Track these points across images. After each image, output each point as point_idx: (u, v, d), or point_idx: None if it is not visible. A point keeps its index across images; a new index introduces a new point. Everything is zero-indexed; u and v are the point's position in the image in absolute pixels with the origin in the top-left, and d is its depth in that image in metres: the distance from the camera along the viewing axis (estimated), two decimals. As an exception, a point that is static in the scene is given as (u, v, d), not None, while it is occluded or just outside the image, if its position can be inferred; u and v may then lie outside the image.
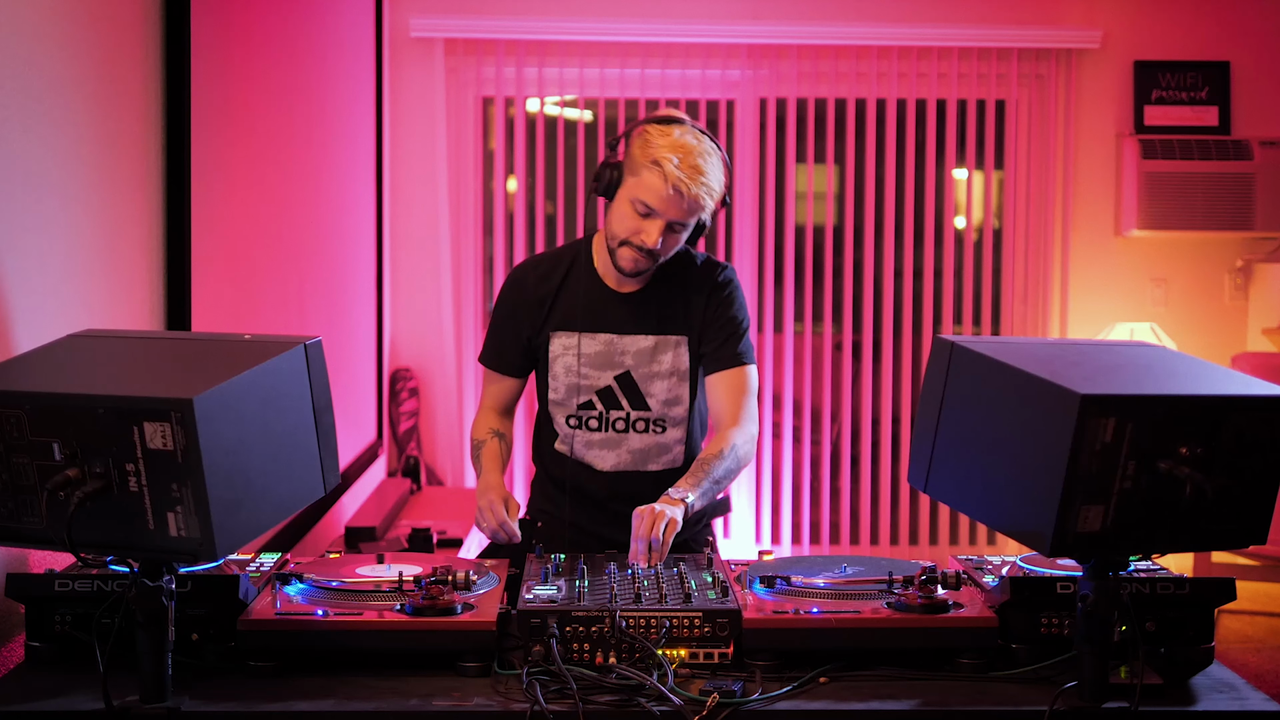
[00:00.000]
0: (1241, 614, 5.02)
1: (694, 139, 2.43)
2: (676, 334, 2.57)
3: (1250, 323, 5.44)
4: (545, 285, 2.60)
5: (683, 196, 2.39)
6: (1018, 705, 1.81)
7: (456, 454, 5.25)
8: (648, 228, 2.43)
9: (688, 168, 2.39)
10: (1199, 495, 1.67)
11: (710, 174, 2.41)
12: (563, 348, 2.57)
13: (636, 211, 2.44)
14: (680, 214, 2.42)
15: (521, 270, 2.64)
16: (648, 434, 2.59)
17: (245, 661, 1.90)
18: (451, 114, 5.18)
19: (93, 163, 2.29)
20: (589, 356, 2.56)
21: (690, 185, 2.38)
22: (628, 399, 2.58)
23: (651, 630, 1.91)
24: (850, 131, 5.35)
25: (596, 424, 2.59)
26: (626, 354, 2.56)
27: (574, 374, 2.57)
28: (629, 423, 2.58)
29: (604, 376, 2.57)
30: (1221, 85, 5.31)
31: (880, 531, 5.48)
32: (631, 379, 2.57)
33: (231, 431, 1.67)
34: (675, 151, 2.40)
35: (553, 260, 2.63)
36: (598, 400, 2.58)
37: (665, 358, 2.57)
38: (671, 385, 2.57)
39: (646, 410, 2.58)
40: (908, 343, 5.40)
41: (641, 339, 2.56)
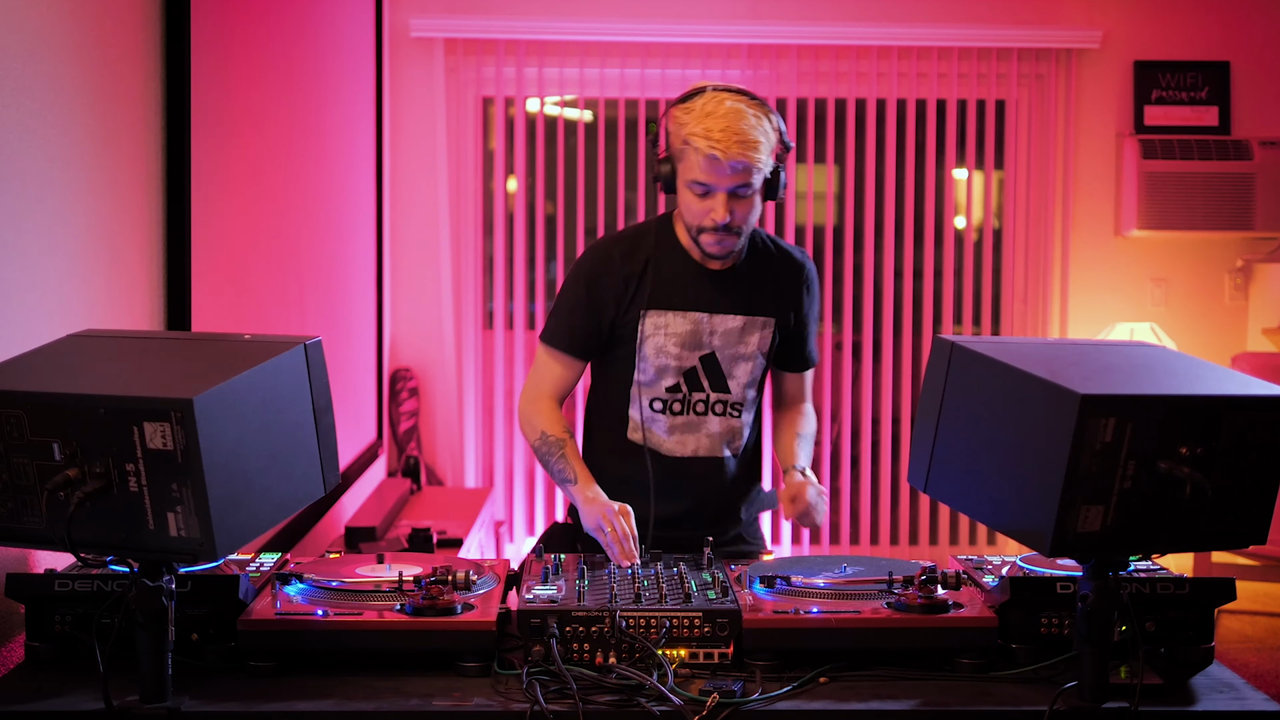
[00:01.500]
0: (1241, 614, 5.02)
1: (719, 101, 2.36)
2: (765, 315, 2.54)
3: (1250, 323, 5.44)
4: (631, 262, 2.52)
5: (724, 163, 2.33)
6: (1018, 705, 1.81)
7: (456, 454, 5.25)
8: (712, 205, 2.38)
9: (719, 133, 2.32)
10: (1199, 495, 1.67)
11: (748, 129, 2.33)
12: (654, 326, 2.49)
13: (695, 194, 2.40)
14: (734, 179, 2.35)
15: (604, 246, 2.56)
16: (725, 417, 2.55)
17: (245, 661, 1.90)
18: (451, 114, 5.18)
19: (93, 163, 2.29)
20: (679, 336, 2.50)
21: (727, 149, 2.31)
22: (709, 381, 2.53)
23: (651, 630, 1.91)
24: (850, 131, 5.34)
25: (680, 407, 2.53)
26: (715, 334, 2.51)
27: (665, 354, 2.50)
28: (708, 405, 2.54)
29: (691, 357, 2.52)
30: (1221, 85, 5.31)
31: (880, 531, 5.48)
32: (716, 360, 2.52)
33: (231, 431, 1.67)
34: (703, 122, 2.34)
35: (635, 237, 2.55)
36: (682, 382, 2.53)
37: (752, 339, 2.53)
38: (754, 368, 2.55)
39: (726, 393, 2.54)
40: (908, 343, 5.40)
41: (730, 319, 2.51)
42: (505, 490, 5.27)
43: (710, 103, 2.36)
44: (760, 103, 2.40)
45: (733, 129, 2.32)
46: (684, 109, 2.39)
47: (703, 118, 2.35)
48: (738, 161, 2.33)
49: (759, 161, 2.36)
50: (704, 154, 2.33)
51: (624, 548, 2.22)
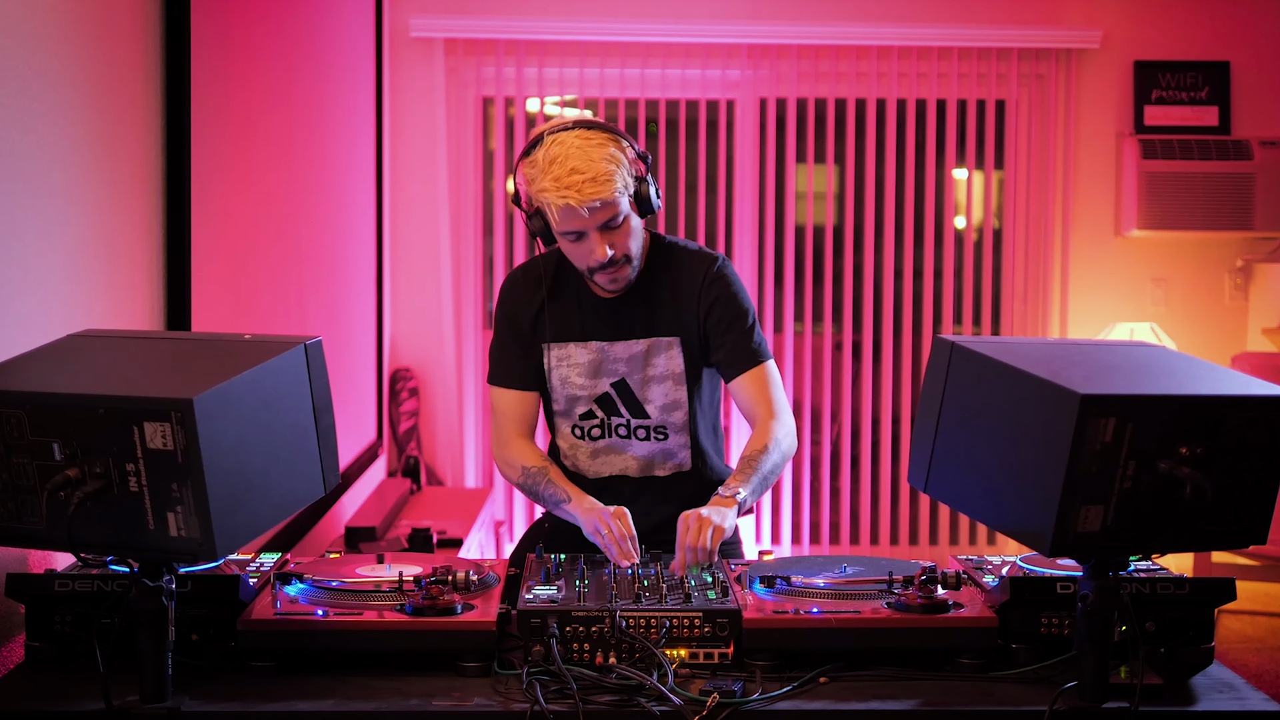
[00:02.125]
0: (1241, 614, 5.02)
1: (558, 145, 2.29)
2: (668, 335, 2.49)
3: (1250, 323, 5.44)
4: (534, 293, 2.51)
5: (579, 209, 2.28)
6: (1018, 705, 1.81)
7: (456, 454, 5.25)
8: (589, 246, 2.34)
9: (567, 178, 2.26)
10: (1199, 495, 1.67)
11: (593, 164, 2.27)
12: (556, 359, 2.50)
13: (570, 241, 2.36)
14: (597, 218, 2.31)
15: (511, 279, 2.57)
16: (649, 441, 2.52)
17: (245, 661, 1.90)
18: (451, 114, 5.18)
19: (93, 163, 2.29)
20: (581, 366, 2.49)
21: (580, 192, 2.27)
22: (626, 407, 2.51)
23: (651, 630, 1.91)
24: (850, 131, 5.34)
25: (599, 432, 2.52)
26: (619, 360, 2.49)
27: (570, 385, 2.50)
28: (630, 429, 2.51)
29: (600, 384, 2.50)
30: (1221, 85, 5.31)
31: (880, 531, 5.48)
32: (627, 386, 2.50)
33: (231, 431, 1.67)
34: (549, 172, 2.28)
35: (534, 270, 2.54)
36: (597, 408, 2.51)
37: (658, 361, 2.49)
38: (668, 389, 2.49)
39: (645, 418, 2.50)
40: (908, 343, 5.40)
41: (633, 344, 2.48)
42: (505, 490, 5.27)
43: (551, 148, 2.29)
44: (599, 127, 2.33)
45: (579, 170, 2.27)
46: (529, 164, 2.33)
47: (547, 167, 2.28)
48: (594, 201, 2.28)
49: (615, 192, 2.30)
50: (558, 206, 2.29)
51: (622, 548, 2.21)
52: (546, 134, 2.32)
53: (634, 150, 2.37)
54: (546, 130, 2.33)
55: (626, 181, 2.33)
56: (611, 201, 2.31)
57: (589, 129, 2.32)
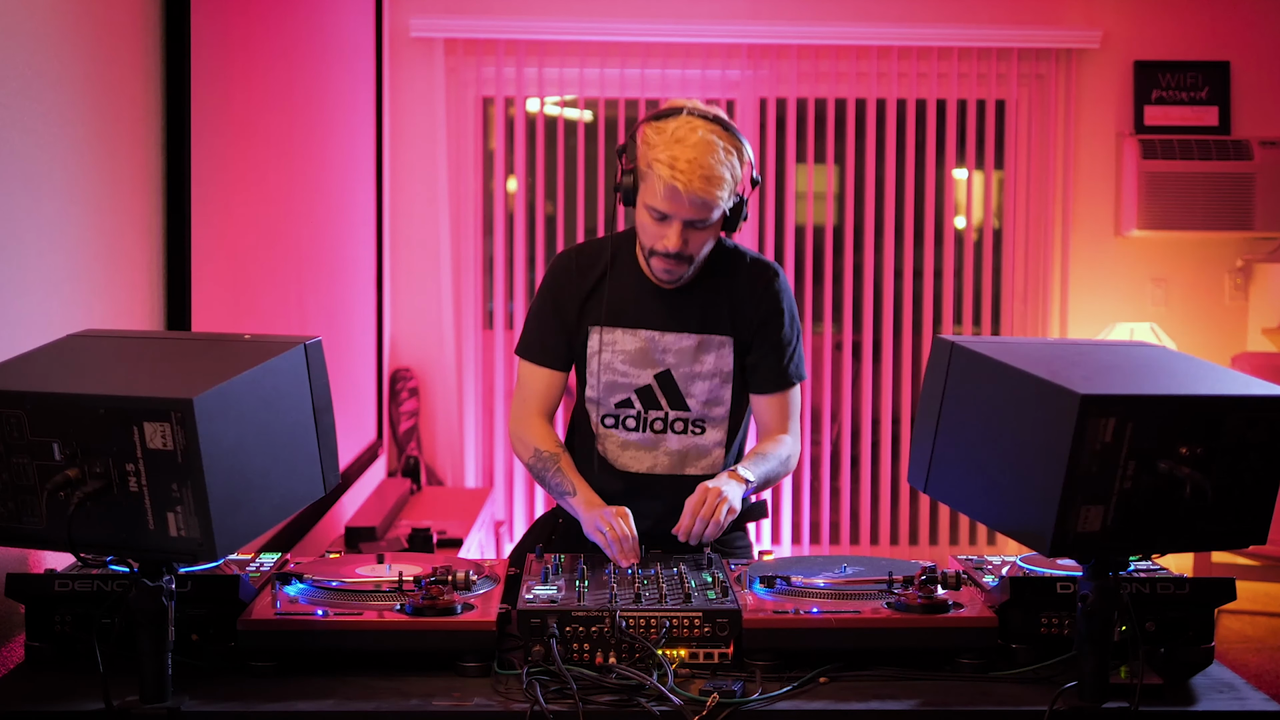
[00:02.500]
0: (1241, 614, 5.02)
1: (691, 129, 2.29)
2: (720, 334, 2.47)
3: (1250, 323, 5.44)
4: (587, 276, 2.49)
5: (683, 196, 2.28)
6: (1018, 705, 1.81)
7: (456, 454, 5.25)
8: (665, 232, 2.34)
9: (685, 164, 2.26)
10: (1199, 495, 1.67)
11: (714, 164, 2.27)
12: (600, 343, 2.47)
13: (652, 218, 2.35)
14: (692, 212, 2.30)
15: (565, 258, 2.54)
16: (686, 435, 2.50)
17: (245, 661, 1.90)
18: (451, 114, 5.18)
19: (93, 163, 2.29)
20: (628, 354, 2.47)
21: (689, 183, 2.26)
22: (667, 399, 2.48)
23: (651, 630, 1.91)
24: (850, 131, 5.34)
25: (634, 424, 2.50)
26: (668, 352, 2.47)
27: (612, 371, 2.48)
28: (667, 423, 2.49)
29: (643, 375, 2.48)
30: (1221, 85, 5.31)
31: (880, 531, 5.48)
32: (671, 378, 2.48)
33: (231, 431, 1.67)
34: (670, 149, 2.28)
35: (596, 250, 2.52)
36: (636, 399, 2.49)
37: (708, 358, 2.47)
38: (713, 387, 2.48)
39: (685, 411, 2.48)
40: (908, 343, 5.40)
41: (684, 337, 2.47)
42: (505, 490, 5.27)
43: (683, 128, 2.30)
44: (734, 134, 2.34)
45: (698, 162, 2.27)
46: (656, 128, 2.33)
47: (671, 144, 2.29)
48: (697, 196, 2.28)
49: (719, 199, 2.31)
50: (665, 182, 2.28)
51: (623, 548, 2.21)
52: (686, 111, 2.33)
53: (751, 168, 2.39)
54: (688, 108, 2.34)
55: (731, 195, 2.34)
56: (711, 205, 2.31)
57: (725, 130, 2.33)
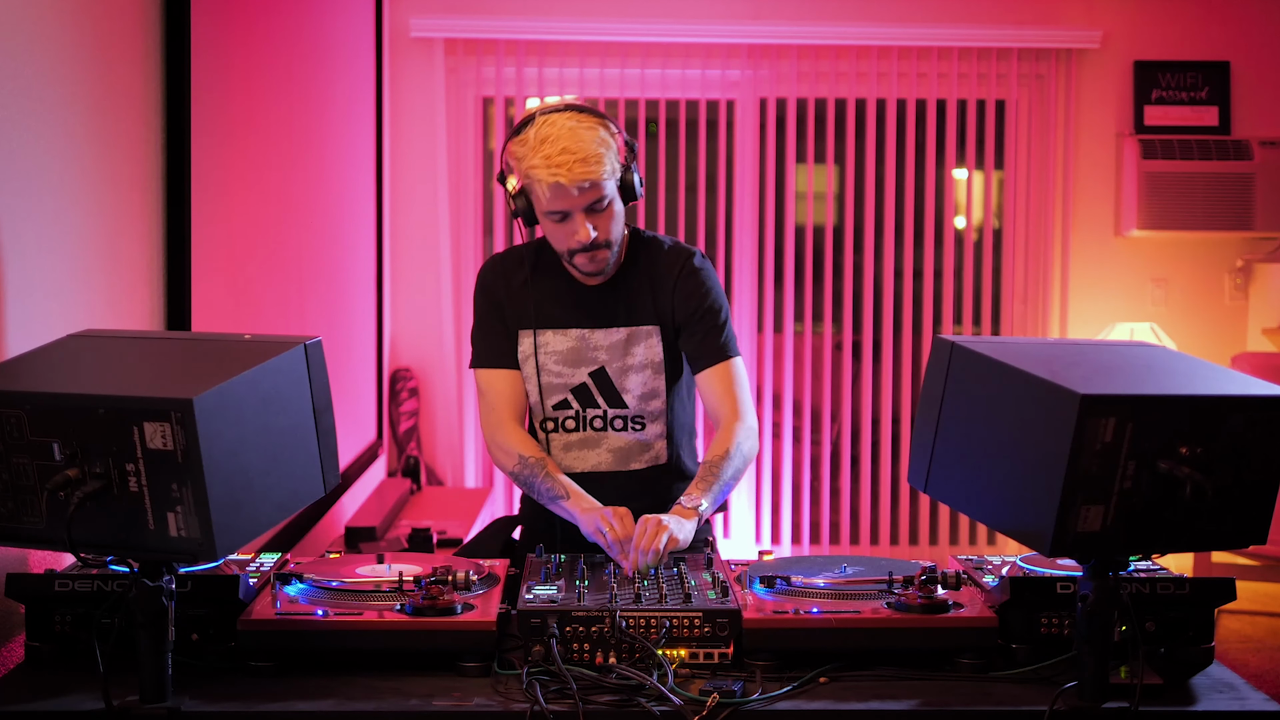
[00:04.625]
0: (1241, 614, 5.02)
1: (549, 124, 2.32)
2: (647, 324, 2.49)
3: (1250, 323, 5.44)
4: (513, 280, 2.51)
5: (569, 187, 2.30)
6: (1018, 705, 1.81)
7: (456, 454, 5.25)
8: (572, 227, 2.35)
9: (558, 156, 2.28)
10: (1199, 495, 1.67)
11: (583, 145, 2.29)
12: (531, 346, 2.49)
13: (554, 222, 2.37)
14: (584, 198, 2.32)
15: (490, 265, 2.56)
16: (626, 432, 2.51)
17: (245, 661, 1.90)
18: (451, 114, 5.18)
19: (93, 163, 2.29)
20: (560, 354, 2.48)
21: (570, 171, 2.28)
22: (603, 396, 2.50)
23: (651, 630, 1.91)
24: (850, 131, 5.34)
25: (574, 424, 2.51)
26: (599, 349, 2.48)
27: (546, 373, 2.49)
28: (606, 421, 2.51)
29: (578, 373, 2.49)
30: (1221, 85, 5.31)
31: (880, 531, 5.48)
32: (606, 374, 2.49)
33: (231, 431, 1.67)
34: (539, 150, 2.30)
35: (518, 255, 2.54)
36: (573, 399, 2.50)
37: (638, 350, 2.48)
38: (646, 379, 2.49)
39: (623, 408, 2.50)
40: (908, 343, 5.40)
41: (614, 332, 2.48)
42: (505, 490, 5.27)
43: (543, 128, 2.32)
44: (590, 111, 2.36)
45: (570, 149, 2.29)
46: (519, 142, 2.35)
47: (538, 145, 2.31)
48: (583, 180, 2.30)
49: (603, 174, 2.32)
50: (548, 183, 2.30)
51: (626, 549, 2.21)
52: (538, 114, 2.35)
53: (622, 137, 2.40)
54: (538, 111, 2.36)
55: (614, 166, 2.36)
56: (599, 183, 2.33)
57: (580, 112, 2.35)
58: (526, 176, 2.34)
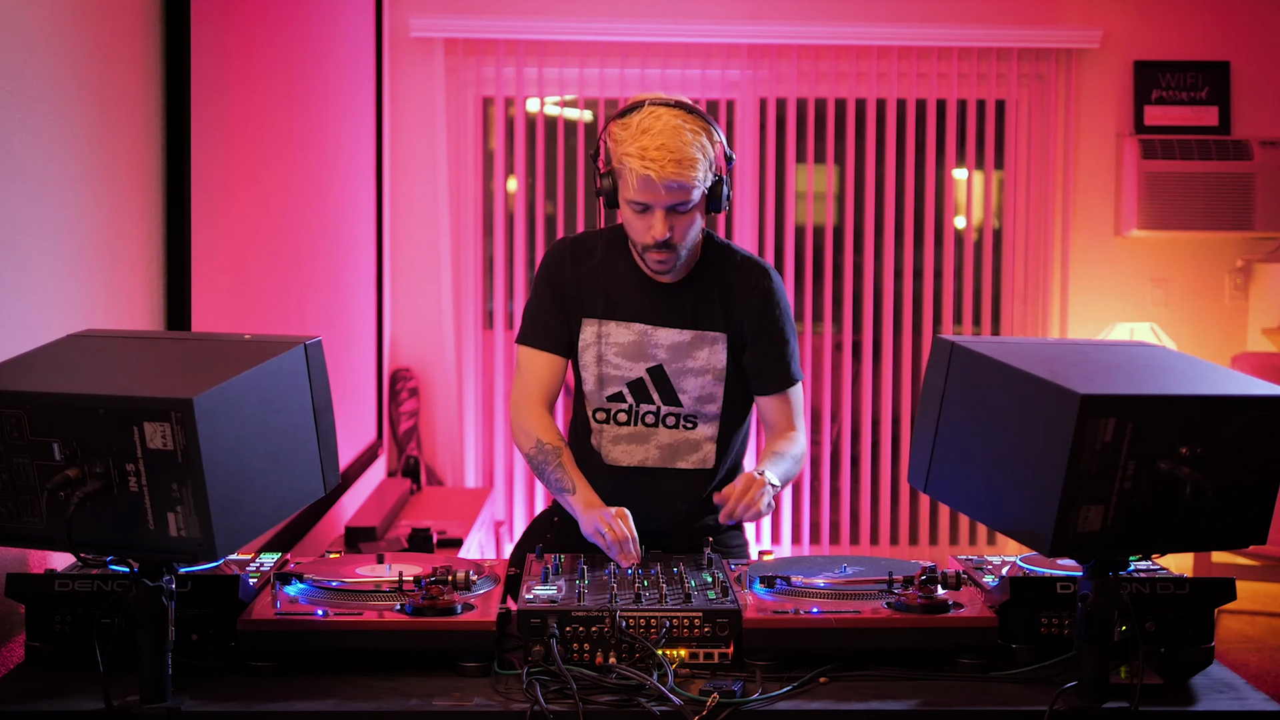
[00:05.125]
0: (1241, 614, 5.02)
1: (655, 117, 2.31)
2: (714, 330, 2.48)
3: (1250, 323, 5.44)
4: (581, 266, 2.50)
5: (658, 183, 2.29)
6: (1018, 705, 1.81)
7: (456, 454, 5.25)
8: (650, 223, 2.35)
9: (654, 151, 2.28)
10: (1199, 495, 1.67)
11: (683, 146, 2.29)
12: (594, 335, 2.48)
13: (634, 211, 2.36)
14: (670, 197, 2.31)
15: (560, 247, 2.55)
16: (677, 429, 2.50)
17: (245, 661, 1.90)
18: (451, 114, 5.18)
19: (93, 163, 2.29)
20: (621, 346, 2.47)
21: (662, 168, 2.28)
22: (659, 393, 2.48)
23: (651, 630, 1.91)
24: (850, 131, 5.34)
25: (625, 417, 2.50)
26: (660, 347, 2.47)
27: (605, 364, 2.48)
28: (659, 417, 2.49)
29: (636, 368, 2.48)
30: (1221, 85, 5.31)
31: (880, 531, 5.48)
32: (664, 373, 2.48)
33: (231, 431, 1.67)
34: (638, 140, 2.30)
35: (590, 241, 2.54)
36: (628, 392, 2.49)
37: (701, 354, 2.48)
38: (706, 383, 2.48)
39: (678, 405, 2.49)
40: (908, 343, 5.40)
41: (676, 333, 2.47)
42: (505, 490, 5.27)
43: (647, 118, 2.31)
44: (699, 115, 2.35)
45: (668, 147, 2.29)
46: (621, 125, 2.35)
47: (638, 135, 2.31)
48: (672, 181, 2.29)
49: (694, 179, 2.31)
50: (638, 174, 2.30)
51: (624, 549, 2.22)
52: (648, 103, 2.35)
53: (723, 147, 2.40)
54: (649, 99, 2.36)
55: (707, 174, 2.35)
56: (688, 187, 2.32)
57: (689, 113, 2.35)
58: (620, 161, 2.34)
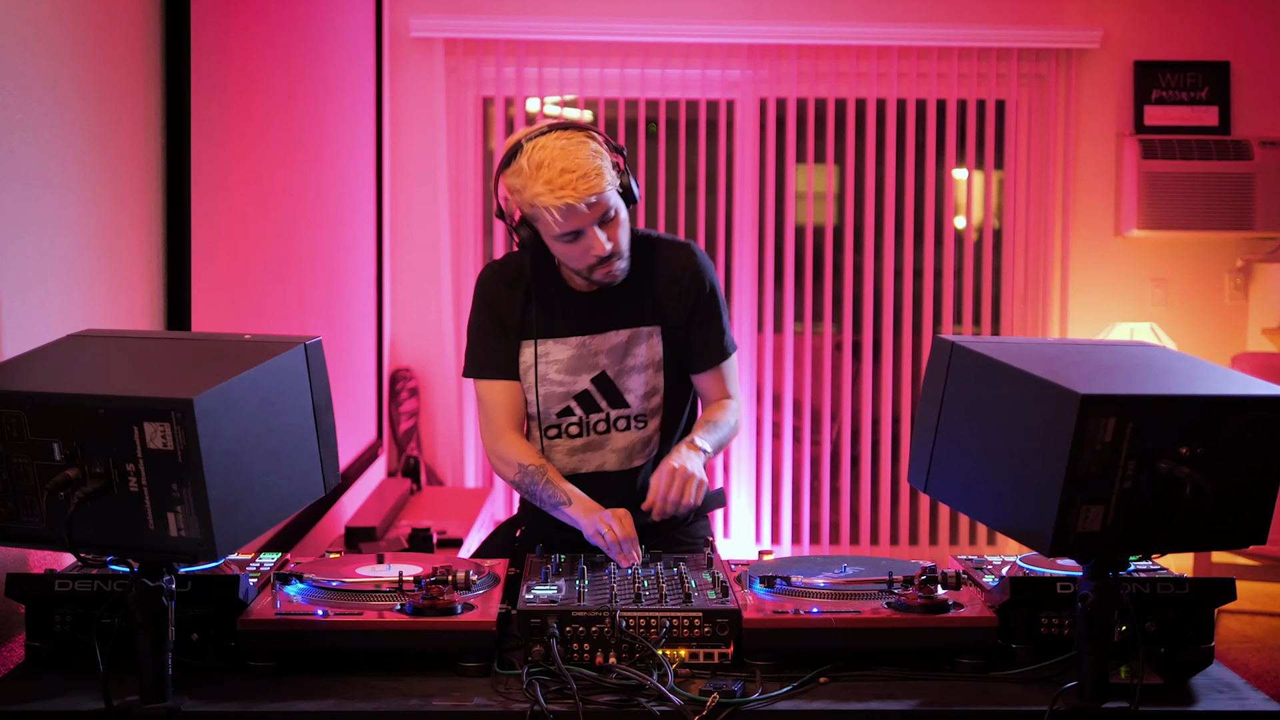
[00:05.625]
0: (1241, 614, 5.02)
1: (541, 149, 2.30)
2: (649, 325, 2.49)
3: (1250, 323, 5.44)
4: (514, 288, 2.51)
5: (579, 205, 2.28)
6: (1018, 705, 1.81)
7: (456, 454, 5.25)
8: (587, 244, 2.34)
9: (560, 178, 2.27)
10: (1199, 495, 1.67)
11: (581, 161, 2.28)
12: (532, 356, 2.49)
13: (567, 243, 2.35)
14: (594, 214, 2.31)
15: (490, 273, 2.54)
16: (629, 431, 2.52)
17: (245, 661, 1.90)
18: (451, 114, 5.18)
19: (93, 163, 2.29)
20: (562, 362, 2.48)
21: (575, 190, 2.27)
22: (606, 399, 2.50)
23: (651, 630, 1.91)
24: (850, 131, 5.34)
25: (577, 429, 2.51)
26: (600, 353, 2.48)
27: (548, 382, 2.49)
28: (610, 423, 2.51)
29: (580, 380, 2.49)
30: (1221, 85, 5.31)
31: (880, 531, 5.48)
32: (608, 378, 2.49)
33: (231, 431, 1.67)
34: (535, 180, 2.28)
35: (516, 263, 2.53)
36: (576, 405, 2.51)
37: (639, 350, 2.49)
38: (648, 378, 2.50)
39: (626, 408, 2.51)
40: (908, 343, 5.40)
41: (613, 335, 2.48)
42: (505, 490, 5.27)
43: (535, 154, 2.30)
44: (575, 126, 2.35)
45: (569, 169, 2.28)
46: (512, 173, 2.33)
47: (535, 172, 2.29)
48: (590, 196, 2.29)
49: (606, 186, 2.31)
50: (558, 206, 2.28)
51: (624, 550, 2.22)
52: (524, 141, 2.33)
53: (609, 143, 2.39)
54: (523, 138, 2.34)
55: (612, 175, 2.35)
56: (604, 195, 2.32)
57: (564, 129, 2.34)
58: (530, 205, 2.32)
